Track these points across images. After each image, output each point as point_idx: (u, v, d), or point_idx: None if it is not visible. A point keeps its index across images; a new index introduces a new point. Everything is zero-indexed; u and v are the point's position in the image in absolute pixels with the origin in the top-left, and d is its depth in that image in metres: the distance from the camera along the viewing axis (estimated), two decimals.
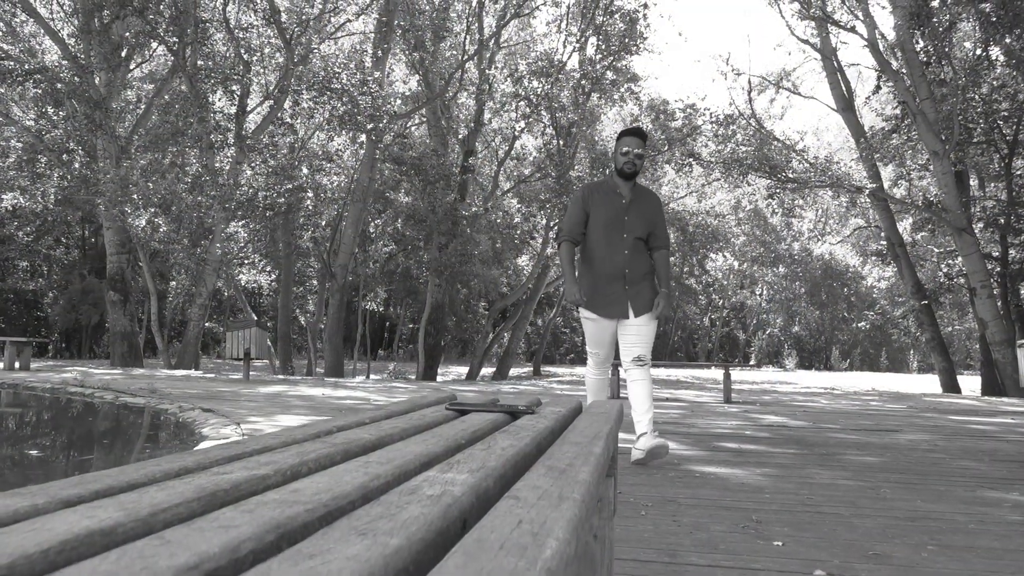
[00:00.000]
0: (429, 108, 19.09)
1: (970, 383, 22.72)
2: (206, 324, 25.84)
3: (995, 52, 16.11)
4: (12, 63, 17.31)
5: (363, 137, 17.66)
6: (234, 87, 17.51)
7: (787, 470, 4.15)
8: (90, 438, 5.80)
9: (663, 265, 4.48)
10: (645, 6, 18.56)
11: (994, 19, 14.86)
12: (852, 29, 17.36)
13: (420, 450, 1.01)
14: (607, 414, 1.62)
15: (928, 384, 24.38)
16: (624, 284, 4.31)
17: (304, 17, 17.12)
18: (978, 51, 15.85)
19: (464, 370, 25.14)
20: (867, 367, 45.39)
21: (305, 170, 18.55)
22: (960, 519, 3.03)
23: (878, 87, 18.50)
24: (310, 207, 18.45)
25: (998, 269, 16.91)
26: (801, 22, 18.72)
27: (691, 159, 18.89)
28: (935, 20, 15.13)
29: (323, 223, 20.03)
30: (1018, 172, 18.22)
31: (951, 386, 17.23)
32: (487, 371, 24.19)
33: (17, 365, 14.10)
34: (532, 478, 0.83)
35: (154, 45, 18.87)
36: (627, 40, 18.86)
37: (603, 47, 19.49)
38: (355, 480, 0.78)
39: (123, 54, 17.78)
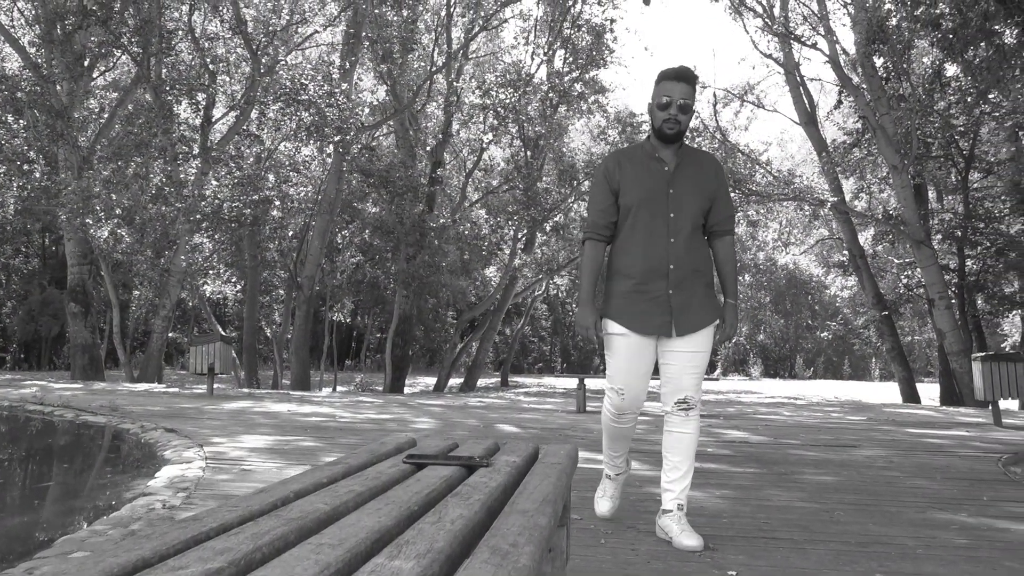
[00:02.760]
0: (397, 119, 19.10)
1: (930, 391, 23.17)
2: (170, 335, 25.53)
3: (951, 70, 16.52)
4: None
5: (330, 148, 17.61)
6: (199, 97, 17.37)
7: (746, 491, 4.24)
8: (49, 460, 5.73)
9: (727, 260, 3.21)
10: (612, 20, 18.77)
11: (952, 37, 15.23)
12: (814, 45, 17.71)
13: (372, 524, 1.05)
14: (560, 465, 1.67)
15: (889, 392, 24.82)
16: (668, 287, 3.05)
17: (271, 28, 17.05)
18: (935, 65, 16.22)
19: (432, 380, 25.09)
20: (830, 375, 46.07)
21: (272, 178, 18.44)
22: (909, 543, 3.13)
23: (839, 102, 18.88)
24: (276, 216, 18.35)
25: (955, 280, 17.32)
26: (764, 37, 19.07)
27: None
28: (893, 37, 15.48)
29: (290, 234, 19.92)
30: (974, 185, 18.69)
31: (911, 395, 17.59)
32: (455, 382, 24.17)
33: None
34: (474, 566, 0.87)
35: (118, 53, 18.64)
36: (594, 53, 19.04)
37: (571, 60, 19.66)
38: (306, 571, 0.82)
39: (86, 63, 17.56)
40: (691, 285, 3.08)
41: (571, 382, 29.84)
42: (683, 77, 3.06)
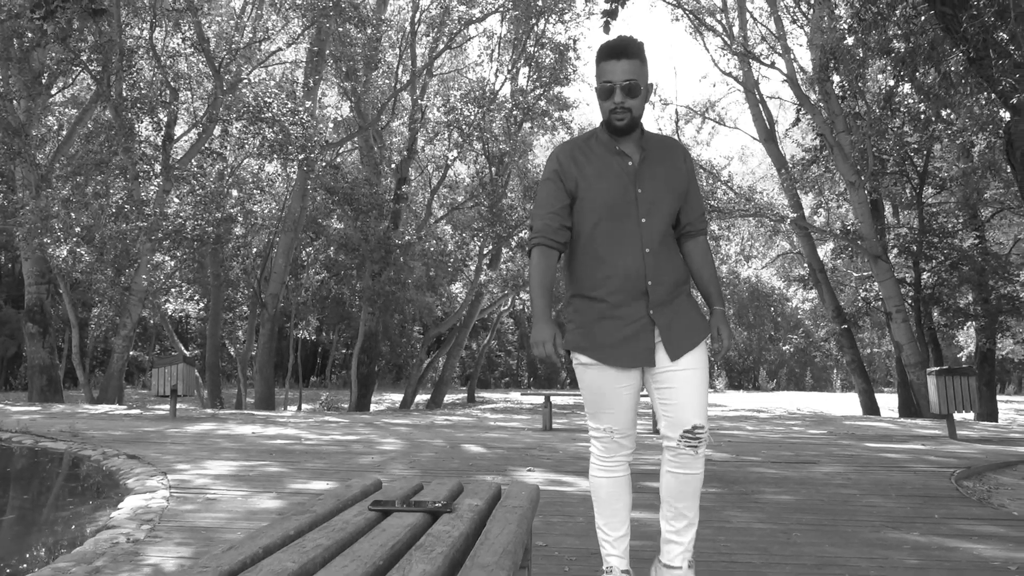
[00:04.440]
0: (362, 136, 19.10)
1: (889, 401, 23.64)
2: (131, 353, 25.14)
3: (905, 88, 16.94)
4: None
5: (295, 165, 17.56)
6: (161, 115, 17.21)
7: (707, 513, 4.32)
8: (5, 493, 5.64)
9: (705, 264, 2.74)
10: (575, 39, 19.01)
11: (905, 58, 15.62)
12: (772, 64, 18.07)
13: None
14: (521, 508, 1.72)
15: (850, 403, 25.26)
16: (647, 306, 2.56)
17: (233, 45, 16.97)
18: (889, 83, 16.62)
19: (399, 397, 24.99)
20: (793, 386, 46.73)
21: (235, 195, 18.31)
22: (863, 564, 3.23)
23: (798, 119, 19.28)
24: (240, 233, 18.21)
25: (912, 294, 17.72)
26: (724, 56, 19.42)
27: None
28: (848, 57, 15.85)
29: (254, 251, 19.78)
30: (928, 201, 19.15)
31: (870, 407, 17.94)
32: (422, 398, 24.10)
33: None
34: None
35: (77, 70, 18.42)
36: (558, 71, 19.24)
37: (535, 77, 19.85)
38: None
39: (43, 81, 17.31)
40: (673, 301, 2.60)
41: (537, 398, 29.86)
42: (621, 52, 2.48)
